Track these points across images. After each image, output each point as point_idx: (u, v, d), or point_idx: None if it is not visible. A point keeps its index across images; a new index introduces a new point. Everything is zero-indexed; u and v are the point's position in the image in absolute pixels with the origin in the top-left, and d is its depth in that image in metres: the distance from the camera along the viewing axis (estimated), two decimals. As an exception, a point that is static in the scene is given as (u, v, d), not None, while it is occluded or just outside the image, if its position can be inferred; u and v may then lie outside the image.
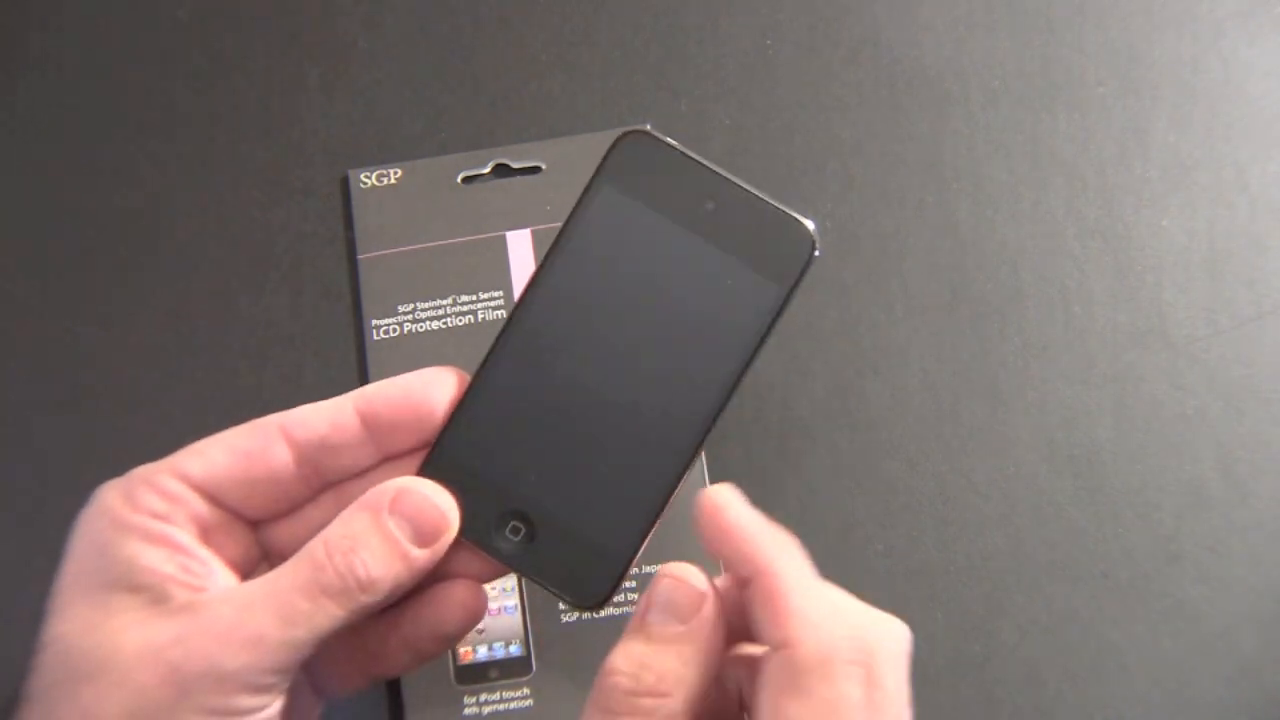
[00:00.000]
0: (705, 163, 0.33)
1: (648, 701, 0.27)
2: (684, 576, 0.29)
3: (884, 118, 0.46)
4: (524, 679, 0.39)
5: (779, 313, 0.32)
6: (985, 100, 0.46)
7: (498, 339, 0.32)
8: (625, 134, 0.33)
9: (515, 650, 0.40)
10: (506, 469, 0.32)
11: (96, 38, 0.47)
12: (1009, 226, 0.44)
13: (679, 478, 0.32)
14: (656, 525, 0.32)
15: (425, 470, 0.31)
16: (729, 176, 0.32)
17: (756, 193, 0.32)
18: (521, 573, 0.32)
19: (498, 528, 0.32)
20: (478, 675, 0.39)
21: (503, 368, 0.32)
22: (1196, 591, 0.40)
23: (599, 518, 0.32)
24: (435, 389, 0.31)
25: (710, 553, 0.30)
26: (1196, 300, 0.43)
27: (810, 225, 0.32)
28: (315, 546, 0.29)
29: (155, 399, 0.43)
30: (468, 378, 0.32)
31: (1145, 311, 0.43)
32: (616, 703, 0.28)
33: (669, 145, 0.33)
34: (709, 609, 0.29)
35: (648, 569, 0.40)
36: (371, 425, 0.31)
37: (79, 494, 0.30)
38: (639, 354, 0.32)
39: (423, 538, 0.30)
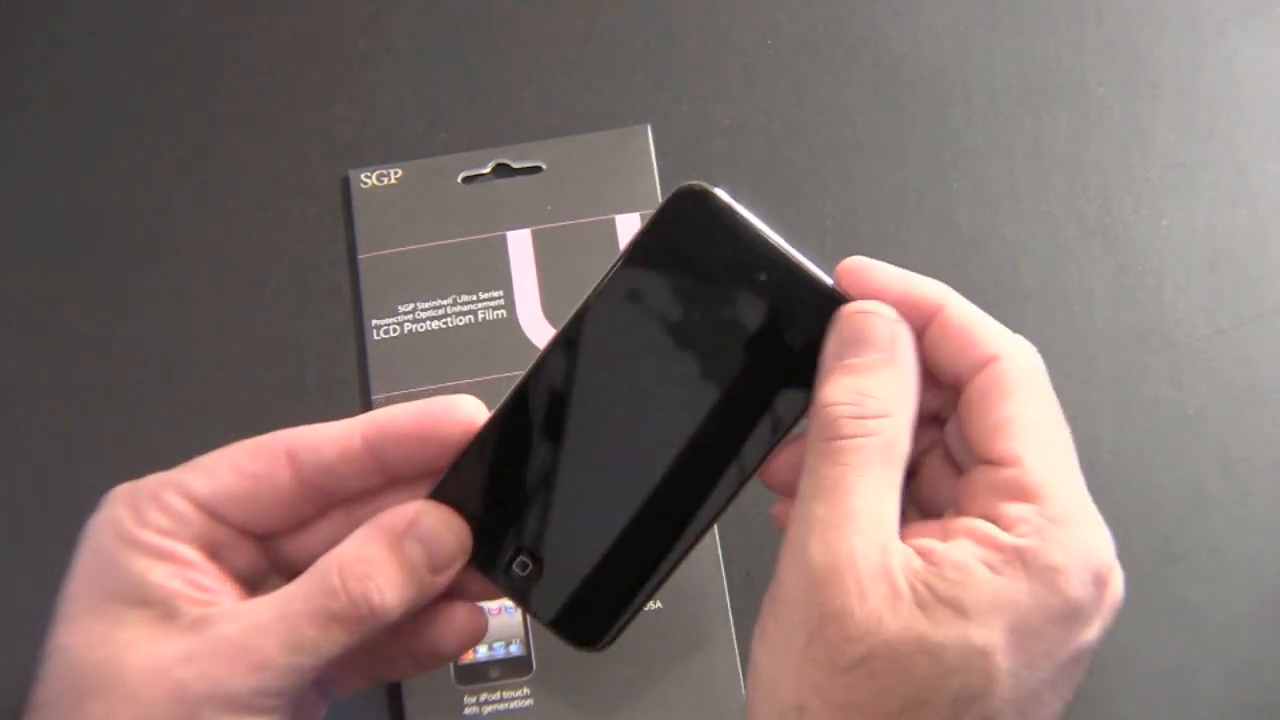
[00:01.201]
0: (764, 231, 0.31)
1: (874, 423, 0.28)
2: (871, 309, 0.30)
3: (884, 118, 0.46)
4: (524, 679, 0.39)
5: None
6: (985, 100, 0.46)
7: (531, 369, 0.32)
8: (685, 188, 0.31)
9: (515, 650, 0.40)
10: (522, 503, 0.31)
11: (96, 38, 0.47)
12: (1009, 226, 0.44)
13: (696, 539, 0.31)
14: (666, 581, 0.32)
15: (440, 491, 0.31)
16: (787, 250, 0.31)
17: (813, 270, 0.31)
18: (522, 607, 0.32)
19: (505, 560, 0.31)
20: (478, 675, 0.39)
21: (532, 401, 0.32)
22: (1196, 591, 0.40)
23: (609, 566, 0.31)
24: (447, 422, 0.31)
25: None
26: (1196, 300, 0.43)
27: None
28: (329, 570, 0.29)
29: (155, 399, 0.43)
30: (483, 408, 0.31)
31: (1145, 311, 0.43)
32: (844, 428, 0.28)
33: (729, 207, 0.31)
34: (904, 332, 0.30)
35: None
36: (379, 454, 0.30)
37: (79, 495, 0.30)
38: (671, 411, 0.31)
39: (436, 564, 0.30)
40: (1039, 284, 0.44)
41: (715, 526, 0.40)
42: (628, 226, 0.44)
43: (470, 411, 0.31)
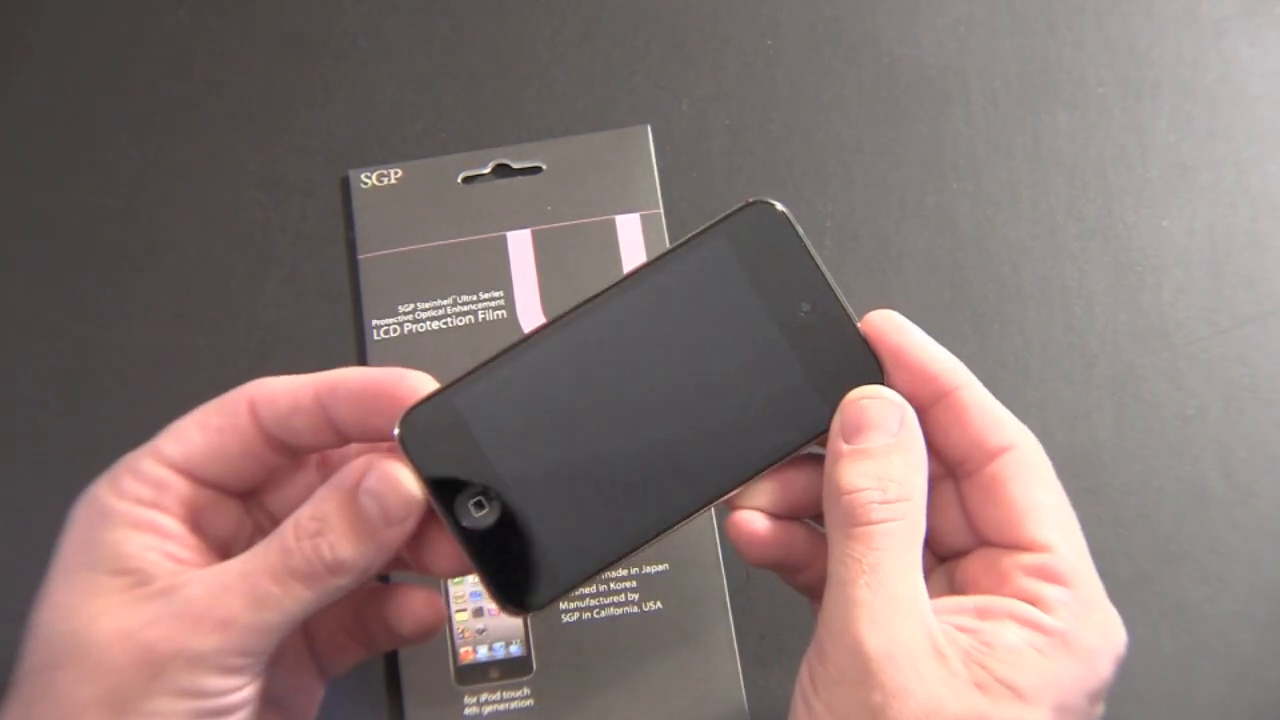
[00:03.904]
0: (819, 264, 0.32)
1: (899, 506, 0.29)
2: (880, 395, 0.31)
3: (884, 118, 0.46)
4: (524, 679, 0.39)
5: (820, 433, 0.31)
6: (985, 100, 0.46)
7: (547, 324, 0.32)
8: (757, 202, 0.32)
9: (515, 650, 0.40)
10: (497, 445, 0.31)
11: (97, 38, 0.47)
12: (1009, 226, 0.44)
13: (657, 535, 0.31)
14: (616, 566, 0.31)
15: (422, 406, 0.31)
16: (835, 290, 0.32)
17: (852, 316, 0.32)
18: (466, 549, 0.31)
19: (464, 497, 0.31)
20: (478, 675, 0.39)
21: (538, 354, 0.32)
22: (1196, 591, 0.40)
23: (565, 534, 0.31)
24: (392, 389, 0.31)
25: (894, 373, 0.31)
26: (1196, 300, 0.43)
27: (885, 369, 0.32)
28: (286, 528, 0.30)
29: (155, 399, 0.43)
30: (432, 381, 0.31)
31: (1145, 311, 0.43)
32: (874, 514, 0.29)
33: (794, 231, 0.32)
34: (912, 416, 0.31)
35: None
36: (329, 411, 0.31)
37: (79, 494, 0.30)
38: (674, 406, 0.32)
39: (389, 517, 0.30)
40: (1039, 284, 0.44)
41: (715, 526, 0.40)
42: (628, 226, 0.44)
43: (417, 385, 0.31)
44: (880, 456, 0.30)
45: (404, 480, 0.30)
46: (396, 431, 0.30)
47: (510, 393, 0.31)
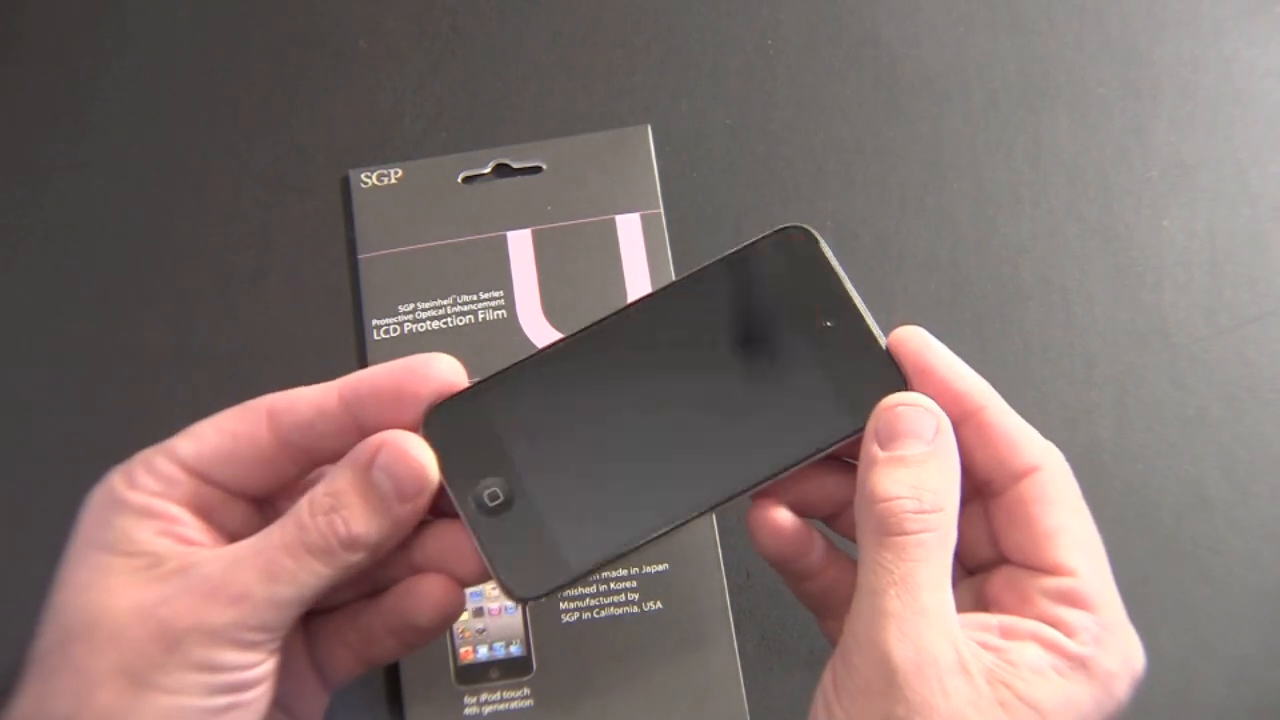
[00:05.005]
0: (846, 283, 0.33)
1: (933, 517, 0.29)
2: (917, 402, 0.31)
3: (884, 118, 0.46)
4: (524, 679, 0.39)
5: (839, 444, 0.32)
6: (985, 100, 0.46)
7: (579, 331, 0.33)
8: (790, 228, 0.33)
9: (515, 650, 0.40)
10: (519, 439, 0.32)
11: (96, 38, 0.47)
12: (1009, 226, 0.44)
13: (664, 533, 0.32)
14: (621, 561, 0.32)
15: (448, 401, 0.31)
16: (860, 307, 0.33)
17: (877, 334, 0.32)
18: (476, 537, 0.31)
19: (479, 486, 0.31)
20: (478, 675, 0.39)
21: (568, 357, 0.32)
22: (1196, 591, 0.40)
23: (574, 527, 0.32)
24: (421, 379, 0.31)
25: (919, 390, 0.31)
26: (1196, 300, 0.43)
27: (910, 386, 0.32)
28: (301, 505, 0.30)
29: (155, 399, 0.43)
30: (460, 368, 0.32)
31: (1145, 311, 0.43)
32: (908, 524, 0.29)
33: (822, 253, 0.33)
34: (947, 424, 0.31)
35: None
36: (355, 412, 0.31)
37: (79, 493, 0.31)
38: (694, 411, 0.32)
39: (404, 492, 0.30)
40: (1039, 284, 0.44)
41: (715, 526, 0.40)
42: (628, 226, 0.44)
43: (444, 370, 0.31)
44: (916, 464, 0.30)
45: (417, 456, 0.30)
46: (422, 425, 0.31)
47: (538, 391, 0.32)
